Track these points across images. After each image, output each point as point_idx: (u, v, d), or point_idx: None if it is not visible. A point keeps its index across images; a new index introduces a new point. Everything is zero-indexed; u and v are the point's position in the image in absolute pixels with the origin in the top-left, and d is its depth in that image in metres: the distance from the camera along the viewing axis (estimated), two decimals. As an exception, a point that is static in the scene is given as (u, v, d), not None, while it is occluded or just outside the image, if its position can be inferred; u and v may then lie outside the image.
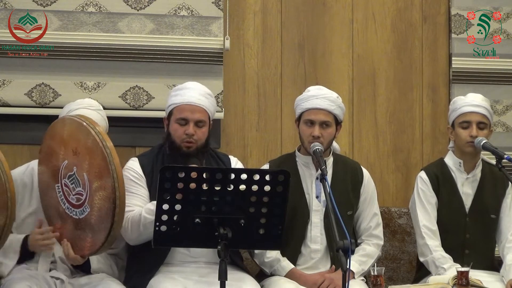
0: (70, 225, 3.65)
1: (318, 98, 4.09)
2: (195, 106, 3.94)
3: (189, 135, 3.90)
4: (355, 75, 5.00)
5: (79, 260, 3.67)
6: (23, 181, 3.91)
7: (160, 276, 3.82)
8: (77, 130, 3.63)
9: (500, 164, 4.08)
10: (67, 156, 3.63)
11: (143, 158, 4.02)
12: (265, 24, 4.94)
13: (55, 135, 3.73)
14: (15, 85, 4.61)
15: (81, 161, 3.57)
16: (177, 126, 3.94)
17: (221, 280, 3.19)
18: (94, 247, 3.59)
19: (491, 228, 4.30)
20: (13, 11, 4.60)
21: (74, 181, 3.61)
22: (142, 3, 4.73)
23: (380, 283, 3.63)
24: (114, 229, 3.52)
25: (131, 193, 3.84)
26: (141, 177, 3.93)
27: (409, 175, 4.95)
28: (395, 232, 4.74)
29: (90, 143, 3.55)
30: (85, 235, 3.59)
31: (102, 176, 3.50)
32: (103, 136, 3.56)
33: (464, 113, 4.24)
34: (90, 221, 3.56)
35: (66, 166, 3.63)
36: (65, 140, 3.66)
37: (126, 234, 3.82)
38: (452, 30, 5.02)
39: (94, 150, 3.53)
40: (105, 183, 3.49)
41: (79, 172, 3.58)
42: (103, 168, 3.50)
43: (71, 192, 3.62)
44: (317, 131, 4.04)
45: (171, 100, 3.99)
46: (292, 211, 3.93)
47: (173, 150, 3.95)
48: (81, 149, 3.58)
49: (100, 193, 3.51)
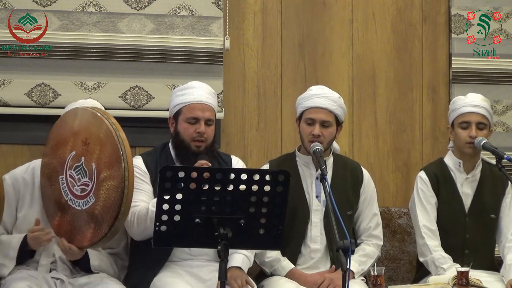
0: (70, 216, 3.65)
1: (320, 97, 4.09)
2: (204, 104, 3.95)
3: (200, 134, 3.91)
4: (355, 75, 5.00)
5: (74, 251, 3.64)
6: (25, 180, 3.90)
7: (164, 274, 3.83)
8: (90, 120, 3.64)
9: (500, 164, 4.09)
10: (75, 147, 3.63)
11: (147, 156, 4.03)
12: (265, 24, 4.95)
13: (65, 126, 3.74)
14: (15, 85, 4.61)
15: (90, 151, 3.58)
16: (187, 125, 3.93)
17: (221, 280, 3.19)
18: (95, 238, 3.57)
19: (491, 228, 4.30)
20: (13, 11, 4.60)
21: (81, 172, 3.60)
22: (142, 3, 4.73)
23: (380, 283, 3.63)
24: (119, 220, 3.51)
25: (136, 188, 3.83)
26: (145, 173, 3.93)
27: (409, 175, 4.95)
28: (395, 232, 4.74)
29: (103, 132, 3.56)
30: (87, 226, 3.58)
31: (112, 165, 3.51)
32: (116, 126, 3.57)
33: (463, 113, 4.24)
34: (94, 212, 3.55)
35: (73, 157, 3.63)
36: (75, 130, 3.66)
37: (131, 229, 3.83)
38: (452, 30, 5.02)
39: (106, 139, 3.54)
40: (115, 172, 3.49)
41: (87, 163, 3.58)
42: (114, 158, 3.50)
43: (76, 183, 3.62)
44: (318, 129, 4.04)
45: (178, 99, 3.97)
46: (292, 211, 3.93)
47: (182, 150, 3.95)
48: (92, 139, 3.58)
49: (108, 183, 3.51)
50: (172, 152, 4.01)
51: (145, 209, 3.76)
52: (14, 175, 3.93)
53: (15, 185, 3.89)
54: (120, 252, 4.01)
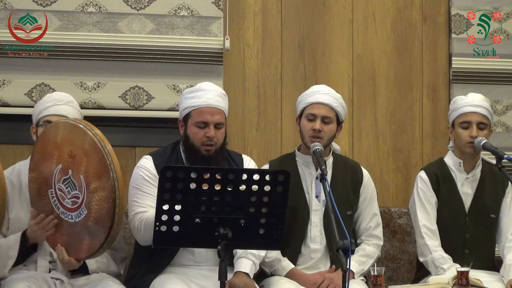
0: (65, 229, 3.63)
1: (321, 93, 4.11)
2: (214, 108, 3.90)
3: (210, 138, 3.87)
4: (355, 75, 5.00)
5: (73, 264, 3.64)
6: (11, 182, 3.89)
7: (164, 276, 3.82)
8: (72, 132, 3.60)
9: (500, 164, 4.09)
10: (61, 160, 3.60)
11: (157, 157, 3.96)
12: (265, 24, 4.95)
13: (48, 140, 3.69)
14: (15, 85, 4.61)
15: (77, 164, 3.55)
16: (196, 129, 3.89)
17: (221, 280, 3.19)
18: (92, 250, 3.57)
19: (491, 228, 4.30)
20: (13, 11, 4.60)
21: (70, 185, 3.58)
22: (142, 3, 4.73)
23: (380, 283, 3.63)
24: (114, 230, 3.50)
25: (144, 193, 3.83)
26: (154, 176, 3.86)
27: (409, 175, 4.96)
28: (395, 232, 4.74)
29: (87, 144, 3.53)
30: (82, 238, 3.57)
31: (100, 176, 3.49)
32: (100, 136, 3.54)
33: (464, 113, 4.24)
34: (87, 224, 3.54)
35: (60, 170, 3.60)
36: (59, 144, 3.62)
37: (138, 235, 3.81)
38: (452, 30, 5.02)
39: (91, 151, 3.51)
40: (104, 183, 3.48)
41: (75, 175, 3.55)
42: (102, 169, 3.48)
43: (66, 196, 3.59)
44: (319, 124, 4.04)
45: (188, 102, 3.92)
46: (292, 211, 3.92)
47: (192, 154, 3.91)
48: (77, 151, 3.55)
49: (99, 194, 3.49)
50: (182, 154, 3.97)
51: (151, 217, 3.70)
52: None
53: None
54: (116, 246, 3.97)
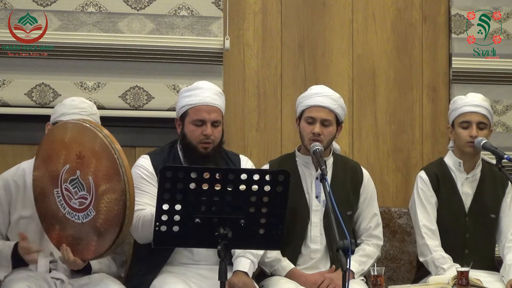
0: (70, 230, 3.62)
1: (320, 96, 4.10)
2: (211, 106, 3.91)
3: (207, 136, 3.88)
4: (355, 75, 5.00)
5: (78, 264, 3.64)
6: (16, 183, 3.88)
7: (163, 276, 3.82)
8: (82, 133, 3.59)
9: (500, 164, 4.08)
10: (68, 160, 3.59)
11: (155, 157, 3.97)
12: (265, 24, 4.95)
13: (55, 140, 3.68)
14: (15, 85, 4.61)
15: (86, 165, 3.54)
16: (193, 127, 3.90)
17: (221, 280, 3.19)
18: (99, 251, 3.56)
19: (491, 228, 4.30)
20: (13, 11, 4.60)
21: (77, 185, 3.57)
22: (142, 3, 4.73)
23: (380, 283, 3.63)
24: (123, 232, 3.50)
25: (142, 191, 3.83)
26: (152, 175, 3.88)
27: (409, 175, 4.96)
28: (395, 232, 4.74)
29: (97, 146, 3.52)
30: (89, 239, 3.56)
31: (111, 178, 3.47)
32: (111, 138, 3.53)
33: (464, 113, 4.24)
34: (95, 225, 3.53)
35: (67, 170, 3.59)
36: (67, 144, 3.61)
37: (136, 233, 3.81)
38: (452, 30, 5.02)
39: (101, 152, 3.50)
40: (115, 185, 3.46)
41: (83, 176, 3.54)
42: (112, 171, 3.47)
43: (73, 196, 3.59)
44: (318, 128, 4.04)
45: (185, 101, 3.93)
46: (292, 211, 3.92)
47: (189, 152, 3.92)
48: (86, 153, 3.54)
49: (108, 196, 3.48)
50: (180, 153, 3.99)
51: (150, 214, 3.72)
52: (4, 178, 3.90)
53: (6, 188, 3.86)
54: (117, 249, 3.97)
